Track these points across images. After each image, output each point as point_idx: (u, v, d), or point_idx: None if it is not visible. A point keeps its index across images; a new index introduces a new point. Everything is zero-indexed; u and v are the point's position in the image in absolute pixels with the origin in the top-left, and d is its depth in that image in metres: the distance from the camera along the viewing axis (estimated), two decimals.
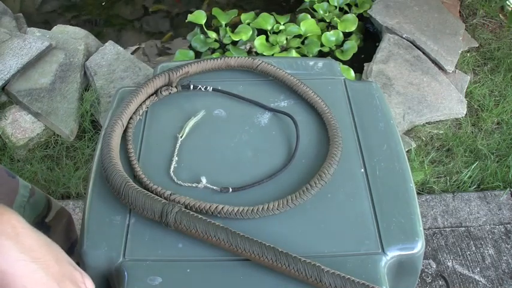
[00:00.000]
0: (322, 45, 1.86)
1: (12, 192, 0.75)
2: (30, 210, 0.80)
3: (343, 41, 1.88)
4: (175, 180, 0.64)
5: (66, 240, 0.95)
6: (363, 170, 0.66)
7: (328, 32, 1.88)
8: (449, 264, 1.31)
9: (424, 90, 1.68)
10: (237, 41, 1.88)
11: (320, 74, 0.80)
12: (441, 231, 1.39)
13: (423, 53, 1.81)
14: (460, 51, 1.85)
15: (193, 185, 0.64)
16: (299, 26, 1.87)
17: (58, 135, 1.56)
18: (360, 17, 1.96)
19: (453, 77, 1.78)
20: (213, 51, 1.89)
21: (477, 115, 1.70)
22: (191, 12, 1.93)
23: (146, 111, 0.74)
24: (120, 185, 0.59)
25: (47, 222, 0.86)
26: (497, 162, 1.55)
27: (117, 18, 2.08)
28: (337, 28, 1.89)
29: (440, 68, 1.78)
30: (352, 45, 1.85)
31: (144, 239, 0.59)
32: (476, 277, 1.29)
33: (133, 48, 1.93)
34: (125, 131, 0.70)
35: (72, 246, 0.97)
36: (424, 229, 1.36)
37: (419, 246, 0.59)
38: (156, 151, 0.69)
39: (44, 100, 1.58)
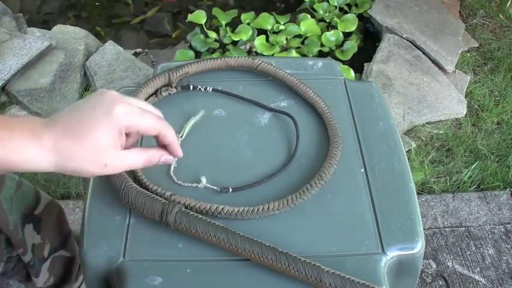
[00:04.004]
0: (322, 45, 1.86)
1: None
2: (18, 202, 0.79)
3: (343, 41, 1.88)
4: (175, 180, 0.64)
5: (59, 233, 0.95)
6: (363, 170, 0.66)
7: (328, 32, 1.88)
8: (449, 264, 1.31)
9: (424, 90, 1.68)
10: (237, 41, 1.88)
11: (320, 74, 0.80)
12: (441, 231, 1.39)
13: (423, 53, 1.81)
14: (460, 51, 1.85)
15: (193, 185, 0.64)
16: (299, 26, 1.87)
17: None
18: (360, 17, 1.96)
19: (453, 77, 1.78)
20: (213, 51, 1.89)
21: (477, 115, 1.70)
22: (191, 12, 1.93)
23: None
24: (120, 185, 0.59)
25: (37, 215, 0.86)
26: (497, 162, 1.55)
27: (117, 18, 2.08)
28: (337, 28, 1.89)
29: (440, 68, 1.78)
30: (352, 45, 1.85)
31: (144, 239, 0.59)
32: (476, 277, 1.29)
33: (135, 51, 1.93)
34: None
35: (65, 239, 0.97)
36: (424, 229, 1.36)
37: (419, 246, 0.59)
38: None
39: (44, 100, 1.58)
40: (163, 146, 0.56)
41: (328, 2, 1.99)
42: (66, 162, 0.45)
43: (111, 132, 0.47)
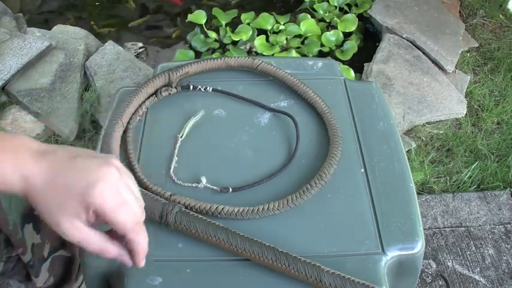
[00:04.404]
0: (322, 45, 1.86)
1: None
2: (18, 201, 0.79)
3: (343, 41, 1.88)
4: (176, 180, 0.64)
5: None
6: (363, 170, 0.66)
7: (328, 32, 1.88)
8: (449, 264, 1.31)
9: (424, 90, 1.68)
10: (237, 41, 1.88)
11: (320, 74, 0.80)
12: (441, 231, 1.39)
13: (423, 53, 1.81)
14: (460, 51, 1.85)
15: (193, 185, 0.64)
16: (299, 26, 1.87)
17: (58, 135, 1.56)
18: (360, 17, 1.96)
19: (453, 77, 1.78)
20: (213, 51, 1.89)
21: (477, 115, 1.70)
22: (191, 12, 1.93)
23: (146, 112, 0.74)
24: None
25: (36, 214, 0.86)
26: (497, 162, 1.55)
27: (117, 18, 2.08)
28: (337, 28, 1.89)
29: (440, 68, 1.78)
30: (352, 45, 1.85)
31: None
32: (476, 277, 1.29)
33: (136, 49, 1.93)
34: (125, 132, 0.70)
35: (65, 239, 0.96)
36: (424, 229, 1.36)
37: (419, 246, 0.59)
38: (156, 151, 0.69)
39: (44, 100, 1.58)
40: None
41: (328, 2, 1.99)
42: (31, 197, 0.45)
43: (78, 203, 0.44)
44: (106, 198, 0.44)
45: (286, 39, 1.86)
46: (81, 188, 0.43)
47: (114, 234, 0.48)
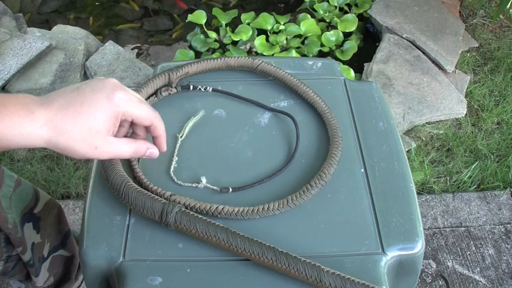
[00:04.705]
0: (322, 45, 1.86)
1: None
2: (17, 200, 0.79)
3: (343, 41, 1.88)
4: (175, 180, 0.64)
5: (58, 231, 0.95)
6: (363, 170, 0.66)
7: (328, 32, 1.88)
8: (449, 264, 1.31)
9: (424, 90, 1.68)
10: (237, 41, 1.88)
11: (320, 74, 0.80)
12: (441, 231, 1.39)
13: (423, 53, 1.82)
14: (460, 51, 1.85)
15: (193, 185, 0.64)
16: (299, 26, 1.87)
17: None
18: (360, 17, 1.96)
19: (453, 77, 1.78)
20: (213, 51, 1.89)
21: (477, 115, 1.70)
22: (191, 12, 1.93)
23: None
24: (120, 185, 0.59)
25: (36, 213, 0.86)
26: (497, 162, 1.55)
27: (117, 18, 2.08)
28: (337, 28, 1.89)
29: (440, 68, 1.79)
30: (352, 45, 1.85)
31: (144, 239, 0.59)
32: (476, 277, 1.29)
33: (134, 48, 1.93)
34: None
35: (65, 238, 0.97)
36: (424, 229, 1.36)
37: (419, 246, 0.59)
38: None
39: None
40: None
41: (328, 2, 1.99)
42: (58, 137, 0.45)
43: (108, 116, 0.48)
44: (127, 101, 0.49)
45: (286, 39, 1.86)
46: (104, 104, 0.47)
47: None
